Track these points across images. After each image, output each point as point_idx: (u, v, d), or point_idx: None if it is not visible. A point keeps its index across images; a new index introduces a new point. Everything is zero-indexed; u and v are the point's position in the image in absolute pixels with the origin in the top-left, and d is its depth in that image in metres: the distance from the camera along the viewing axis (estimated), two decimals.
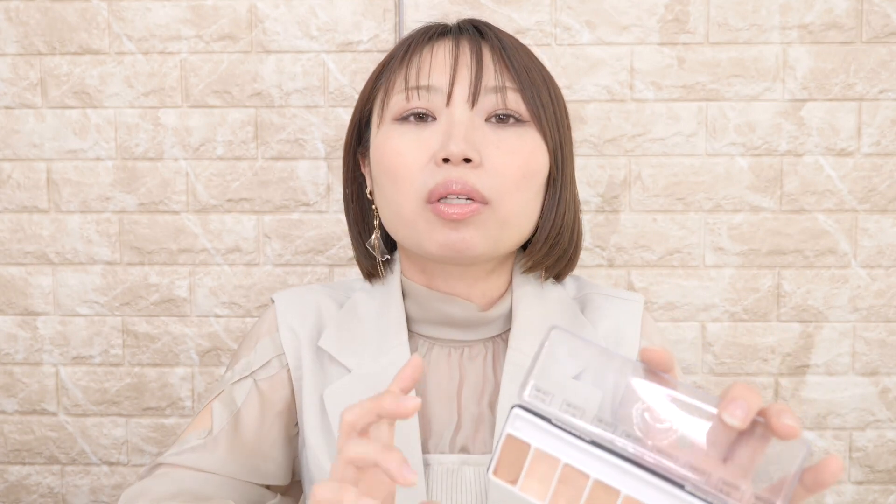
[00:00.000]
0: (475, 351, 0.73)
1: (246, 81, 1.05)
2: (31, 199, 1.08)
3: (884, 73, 1.02)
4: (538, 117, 0.68)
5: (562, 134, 0.71)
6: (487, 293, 0.73)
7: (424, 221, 0.66)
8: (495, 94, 0.67)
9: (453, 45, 0.69)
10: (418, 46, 0.70)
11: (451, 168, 0.65)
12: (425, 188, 0.65)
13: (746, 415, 0.41)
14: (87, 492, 1.11)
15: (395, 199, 0.68)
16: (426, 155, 0.66)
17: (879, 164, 1.04)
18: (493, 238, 0.67)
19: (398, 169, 0.67)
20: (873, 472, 1.07)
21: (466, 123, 0.66)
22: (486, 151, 0.66)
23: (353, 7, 1.04)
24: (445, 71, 0.68)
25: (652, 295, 1.06)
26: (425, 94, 0.67)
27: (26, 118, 1.07)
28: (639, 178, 1.05)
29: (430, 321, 0.73)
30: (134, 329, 1.09)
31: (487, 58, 0.68)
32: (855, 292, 1.05)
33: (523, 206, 0.68)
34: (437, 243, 0.66)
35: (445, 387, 0.71)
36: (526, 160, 0.67)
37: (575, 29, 1.03)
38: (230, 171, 1.07)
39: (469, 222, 0.65)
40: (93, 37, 1.06)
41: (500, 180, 0.66)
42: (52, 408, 1.10)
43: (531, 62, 0.70)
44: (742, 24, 1.02)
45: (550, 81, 0.72)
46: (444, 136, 0.66)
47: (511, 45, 0.70)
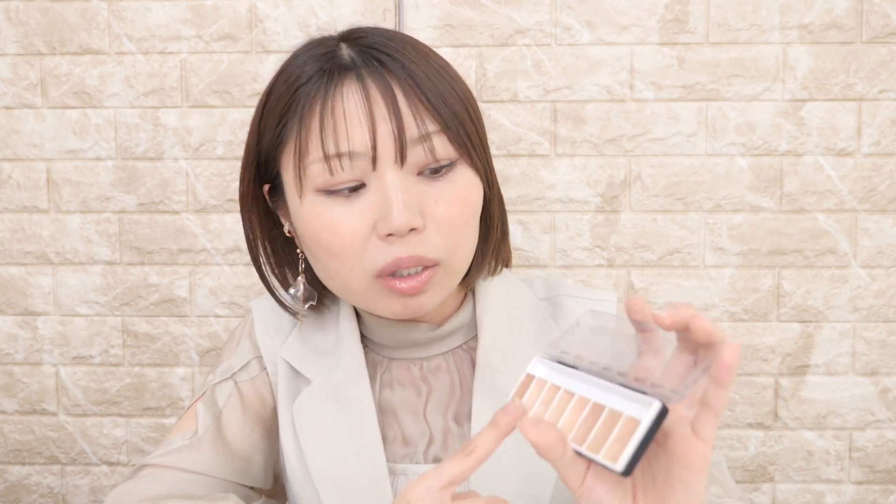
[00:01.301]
0: (435, 364, 0.71)
1: (246, 81, 1.05)
2: (31, 199, 1.08)
3: (884, 73, 1.02)
4: (467, 153, 0.64)
5: (485, 151, 0.67)
6: (440, 311, 0.71)
7: (377, 294, 0.64)
8: (421, 143, 0.61)
9: (362, 91, 0.61)
10: (325, 94, 0.61)
11: (397, 242, 0.61)
12: (375, 266, 0.62)
13: (674, 312, 0.47)
14: (87, 492, 1.11)
15: (340, 275, 0.64)
16: (365, 226, 0.61)
17: (879, 164, 1.04)
18: (446, 290, 0.66)
19: (339, 248, 0.62)
20: (873, 472, 1.07)
21: (400, 188, 0.61)
22: (427, 210, 0.62)
23: (353, 7, 1.04)
24: (363, 130, 0.60)
25: (652, 295, 1.06)
26: (348, 162, 0.61)
27: (26, 118, 1.07)
28: (639, 178, 1.05)
29: (385, 344, 0.72)
30: (134, 329, 1.09)
31: (402, 101, 0.61)
32: (855, 292, 1.05)
33: (468, 250, 0.66)
34: (392, 312, 0.65)
35: (413, 401, 0.70)
36: (466, 202, 0.63)
37: (575, 29, 1.03)
38: (230, 171, 1.07)
39: (424, 290, 0.63)
40: (93, 37, 1.06)
41: (447, 235, 0.63)
42: (52, 408, 1.10)
43: (445, 84, 0.63)
44: (742, 24, 1.03)
45: (467, 96, 0.65)
46: (382, 208, 0.61)
47: (418, 70, 0.62)
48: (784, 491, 1.08)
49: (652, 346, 0.50)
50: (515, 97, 1.04)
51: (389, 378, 0.71)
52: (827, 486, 1.07)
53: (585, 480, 0.49)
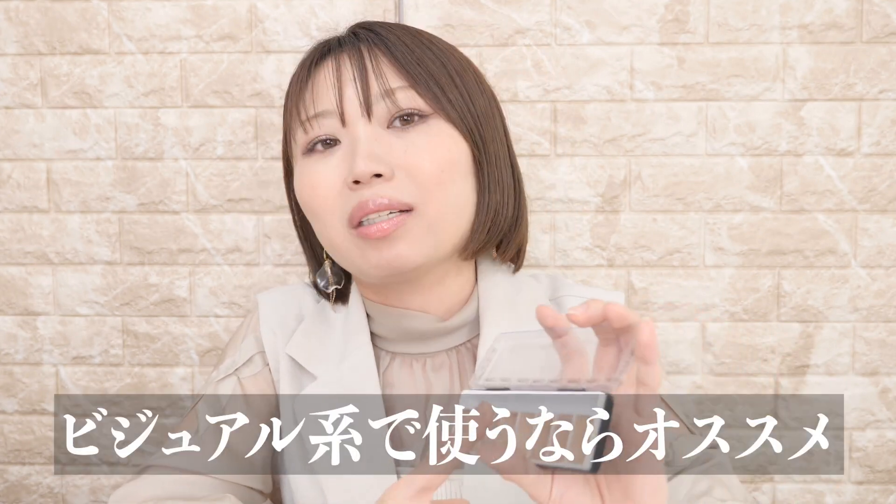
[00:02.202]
0: (439, 361, 0.71)
1: (246, 81, 1.05)
2: (31, 199, 1.08)
3: (884, 73, 1.02)
4: (441, 107, 0.65)
5: (477, 115, 0.67)
6: (445, 300, 0.71)
7: (354, 247, 0.65)
8: (384, 98, 0.64)
9: (333, 63, 0.66)
10: (304, 75, 0.68)
11: (363, 188, 0.63)
12: (345, 213, 0.64)
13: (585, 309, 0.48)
14: (87, 492, 1.11)
15: (323, 233, 0.67)
16: (338, 179, 0.64)
17: (879, 164, 1.04)
18: (428, 245, 0.65)
19: (316, 203, 0.66)
20: (873, 472, 1.07)
21: (367, 139, 0.63)
22: (395, 160, 0.63)
23: (353, 7, 1.04)
24: (330, 92, 0.65)
25: (652, 295, 1.06)
26: (318, 121, 0.65)
27: (26, 118, 1.07)
28: (639, 178, 1.05)
29: (390, 337, 0.72)
30: (134, 329, 1.09)
31: (369, 63, 0.65)
32: (855, 292, 1.05)
33: (451, 201, 0.65)
34: (371, 265, 0.65)
35: (412, 399, 0.70)
36: (440, 153, 0.64)
37: (575, 29, 1.03)
38: (230, 171, 1.07)
39: (397, 236, 0.63)
40: (93, 37, 1.06)
41: (419, 182, 0.63)
42: (52, 408, 1.10)
43: (425, 51, 0.67)
44: (742, 24, 1.03)
45: (454, 66, 0.68)
46: (349, 157, 0.64)
47: (397, 41, 0.66)
48: (784, 491, 1.08)
49: (574, 349, 0.51)
50: (515, 97, 1.04)
51: (391, 375, 0.71)
52: (827, 486, 1.07)
53: (553, 492, 0.50)
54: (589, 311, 0.47)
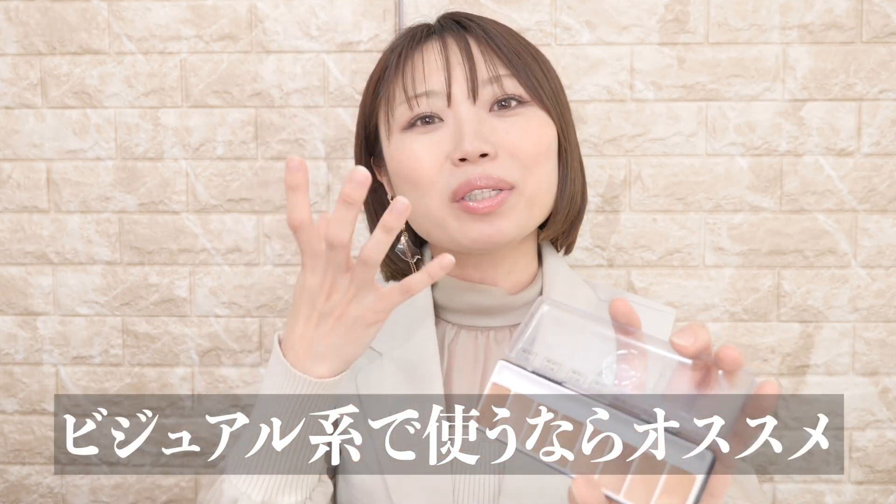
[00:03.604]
0: (501, 335, 0.75)
1: (246, 81, 1.05)
2: (31, 199, 1.08)
3: (884, 73, 1.02)
4: (537, 95, 0.70)
5: (561, 106, 0.73)
6: (513, 276, 0.75)
7: (454, 219, 0.69)
8: (491, 84, 0.69)
9: (441, 45, 0.71)
10: (409, 54, 0.72)
11: (470, 166, 0.67)
12: (448, 188, 0.68)
13: (694, 340, 0.45)
14: (87, 492, 1.11)
15: (420, 203, 0.70)
16: (441, 156, 0.68)
17: (879, 164, 1.04)
18: (524, 219, 0.70)
19: (418, 174, 0.69)
20: (873, 472, 1.07)
21: (473, 120, 0.68)
22: (498, 140, 0.68)
23: (353, 7, 1.04)
24: (440, 73, 0.69)
25: (652, 295, 1.06)
26: (425, 100, 0.69)
27: (26, 118, 1.07)
28: (639, 178, 1.05)
29: (457, 310, 0.76)
30: (134, 329, 1.09)
31: (476, 50, 0.70)
32: (855, 292, 1.05)
33: (545, 181, 0.71)
34: (471, 238, 0.69)
35: (470, 370, 0.73)
36: (537, 137, 0.69)
37: (575, 29, 1.03)
38: (230, 171, 1.07)
39: (500, 213, 0.68)
40: (93, 37, 1.06)
41: (521, 161, 0.68)
42: (52, 408, 1.10)
43: (519, 44, 0.72)
44: (742, 24, 1.03)
45: (542, 59, 0.74)
46: (456, 137, 0.68)
47: (496, 32, 0.71)
48: (784, 491, 1.08)
49: (634, 348, 0.49)
50: None
51: (455, 347, 0.75)
52: (827, 486, 1.07)
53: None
54: (698, 343, 0.46)
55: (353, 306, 0.59)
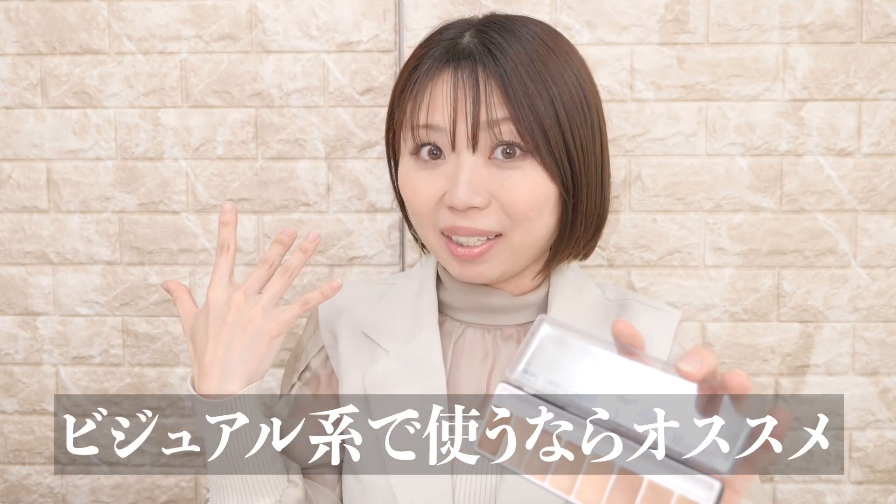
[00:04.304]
0: (508, 333, 0.76)
1: (246, 81, 1.05)
2: (31, 199, 1.08)
3: (884, 73, 1.02)
4: (537, 147, 0.68)
5: (575, 151, 0.70)
6: (520, 285, 0.77)
7: (443, 251, 0.72)
8: (490, 128, 0.68)
9: (452, 77, 0.69)
10: (423, 81, 0.71)
11: (459, 215, 0.69)
12: (439, 224, 0.71)
13: (700, 366, 0.45)
14: (87, 492, 1.11)
15: (419, 228, 0.75)
16: (437, 192, 0.70)
17: (879, 164, 1.04)
18: (508, 265, 0.72)
19: (416, 206, 0.72)
20: (873, 472, 1.07)
21: (470, 168, 0.68)
22: (493, 190, 0.69)
23: (353, 7, 1.04)
24: (445, 110, 0.69)
25: (652, 295, 1.06)
26: (429, 132, 0.70)
27: (26, 118, 1.07)
28: (639, 178, 1.05)
29: (463, 308, 0.77)
30: (134, 329, 1.09)
31: (482, 89, 0.68)
32: (855, 292, 1.05)
33: (535, 234, 0.71)
34: (455, 273, 0.72)
35: (478, 366, 0.74)
36: (531, 195, 0.69)
37: (575, 29, 1.03)
38: (230, 171, 1.07)
39: (482, 260, 0.70)
40: (93, 37, 1.06)
41: (512, 214, 0.69)
42: (52, 408, 1.10)
43: (539, 85, 0.68)
44: (742, 24, 1.03)
45: (567, 96, 0.69)
46: (452, 182, 0.69)
47: (513, 70, 0.68)
48: (784, 491, 1.08)
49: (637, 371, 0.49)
50: None
51: (462, 344, 0.76)
52: (827, 486, 1.07)
53: None
54: (704, 368, 0.45)
55: (254, 321, 0.67)
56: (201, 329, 0.68)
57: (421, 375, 0.73)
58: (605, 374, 0.48)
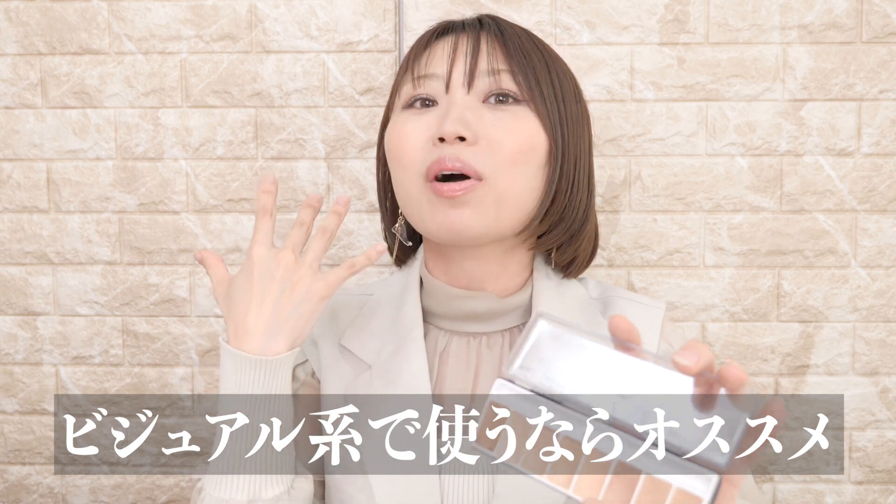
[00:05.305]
0: (493, 340, 0.75)
1: (246, 81, 1.05)
2: (31, 199, 1.08)
3: (884, 73, 1.02)
4: (533, 96, 0.70)
5: (564, 113, 0.72)
6: (503, 279, 0.75)
7: (426, 200, 0.70)
8: (489, 76, 0.70)
9: (454, 38, 0.73)
10: (427, 44, 0.74)
11: (445, 147, 0.68)
12: (424, 166, 0.69)
13: (697, 359, 0.45)
14: (87, 492, 1.11)
15: (401, 180, 0.72)
16: (426, 136, 0.70)
17: (879, 164, 1.04)
18: (490, 216, 0.69)
19: (402, 151, 0.71)
20: (873, 472, 1.07)
21: (462, 105, 0.69)
22: (482, 130, 0.69)
23: (353, 7, 1.04)
24: (444, 60, 0.71)
25: (652, 295, 1.06)
26: (427, 81, 0.71)
27: (26, 118, 1.07)
28: (639, 178, 1.05)
29: (448, 316, 0.75)
30: (134, 329, 1.09)
31: (483, 44, 0.72)
32: (855, 292, 1.05)
33: (521, 183, 0.70)
34: (436, 223, 0.69)
35: (463, 374, 0.73)
36: (522, 137, 0.69)
37: (575, 29, 1.03)
38: (230, 171, 1.07)
39: (464, 201, 0.68)
40: (93, 37, 1.06)
41: (495, 156, 0.68)
42: (52, 408, 1.10)
43: (532, 47, 0.72)
44: (742, 24, 1.03)
45: (554, 64, 0.74)
46: (442, 118, 0.69)
47: (511, 32, 0.73)
48: (784, 491, 1.08)
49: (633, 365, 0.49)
50: None
51: (447, 355, 0.74)
52: (827, 486, 1.07)
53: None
54: (701, 362, 0.45)
55: (303, 280, 0.66)
56: (243, 287, 0.66)
57: (407, 391, 0.71)
58: (602, 369, 0.48)
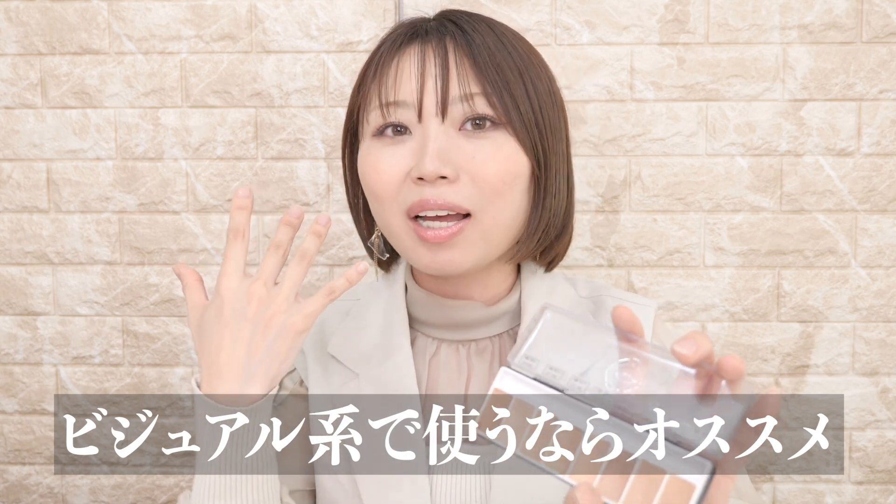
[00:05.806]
0: (482, 346, 0.73)
1: (246, 81, 1.05)
2: (31, 199, 1.08)
3: (884, 73, 1.02)
4: (510, 119, 0.66)
5: (543, 126, 0.68)
6: (490, 288, 0.73)
7: (410, 239, 0.67)
8: (462, 102, 0.66)
9: (419, 53, 0.67)
10: (389, 57, 0.69)
11: (427, 187, 0.65)
12: (405, 204, 0.66)
13: (696, 349, 0.45)
14: (87, 492, 1.11)
15: (381, 215, 0.69)
16: (403, 169, 0.66)
17: (879, 164, 1.04)
18: (480, 251, 0.67)
19: (378, 187, 0.67)
20: (873, 472, 1.07)
21: (439, 138, 0.65)
22: (462, 163, 0.65)
23: (353, 7, 1.04)
24: (412, 83, 0.66)
25: (652, 295, 1.06)
26: (397, 109, 0.67)
27: (26, 118, 1.07)
28: (639, 178, 1.05)
29: (436, 324, 0.73)
30: (134, 329, 1.09)
31: (452, 63, 0.66)
32: (855, 292, 1.05)
33: (507, 213, 0.67)
34: (423, 264, 0.67)
35: (454, 382, 0.72)
36: (503, 165, 0.66)
37: (575, 29, 1.03)
38: (230, 171, 1.07)
39: (452, 244, 0.65)
40: (93, 37, 1.06)
41: (479, 190, 0.65)
42: (52, 408, 1.10)
43: (506, 56, 0.67)
44: (742, 24, 1.03)
45: (527, 65, 0.69)
46: (419, 154, 0.65)
47: (479, 42, 0.67)
48: (784, 491, 1.08)
49: (636, 356, 0.49)
50: None
51: (437, 361, 0.73)
52: (827, 486, 1.07)
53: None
54: (700, 352, 0.45)
55: (278, 314, 0.61)
56: (213, 324, 0.61)
57: (396, 400, 0.69)
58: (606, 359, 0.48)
